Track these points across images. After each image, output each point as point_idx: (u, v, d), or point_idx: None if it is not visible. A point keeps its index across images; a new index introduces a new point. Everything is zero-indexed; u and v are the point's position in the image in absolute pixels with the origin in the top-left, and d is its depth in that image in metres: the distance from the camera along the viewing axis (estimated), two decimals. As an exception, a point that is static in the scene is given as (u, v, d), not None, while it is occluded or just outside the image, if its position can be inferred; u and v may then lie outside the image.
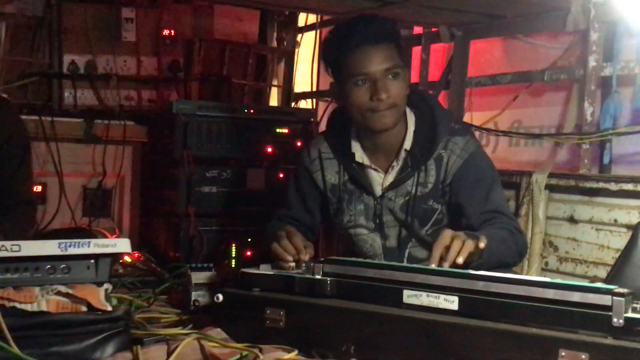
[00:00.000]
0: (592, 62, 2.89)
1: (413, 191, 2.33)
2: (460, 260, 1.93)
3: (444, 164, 2.31)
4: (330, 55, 2.33)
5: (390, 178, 2.36)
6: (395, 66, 2.23)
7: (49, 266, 1.75)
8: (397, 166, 2.35)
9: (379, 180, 2.38)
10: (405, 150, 2.33)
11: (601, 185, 2.73)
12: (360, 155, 2.38)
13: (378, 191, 2.37)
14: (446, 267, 1.93)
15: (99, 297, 1.73)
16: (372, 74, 2.22)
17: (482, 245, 1.98)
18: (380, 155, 2.37)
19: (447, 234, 2.01)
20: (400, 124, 2.33)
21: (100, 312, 1.72)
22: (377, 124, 2.26)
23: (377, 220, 2.39)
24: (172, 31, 4.02)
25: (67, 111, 3.68)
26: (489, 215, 2.25)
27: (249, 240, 3.31)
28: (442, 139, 2.31)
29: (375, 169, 2.38)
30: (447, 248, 1.97)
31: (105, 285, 1.79)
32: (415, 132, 2.33)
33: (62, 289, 1.71)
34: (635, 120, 2.84)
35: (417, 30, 3.89)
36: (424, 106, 2.37)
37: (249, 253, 3.30)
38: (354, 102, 2.25)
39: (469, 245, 1.97)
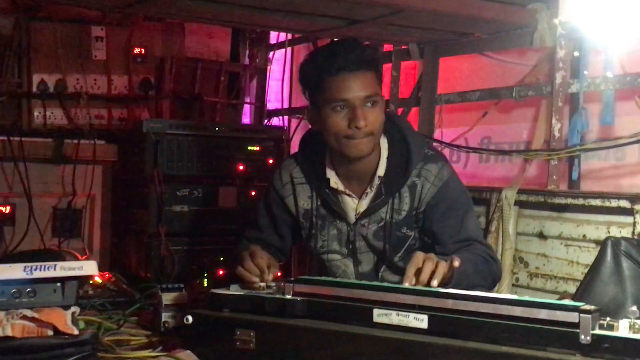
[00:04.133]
0: (559, 79, 2.92)
1: (387, 218, 2.32)
2: (435, 283, 1.94)
3: (418, 192, 2.30)
4: (309, 79, 2.29)
5: (364, 204, 2.34)
6: (374, 94, 2.22)
7: (14, 290, 1.73)
8: (370, 193, 2.33)
9: (353, 206, 2.36)
10: (379, 177, 2.31)
11: (570, 201, 2.75)
12: (334, 181, 2.36)
13: (352, 217, 2.36)
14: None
15: (66, 320, 1.71)
16: (351, 101, 2.19)
17: (456, 263, 1.99)
18: (354, 181, 2.36)
19: (420, 255, 2.01)
20: (374, 150, 2.31)
21: (66, 336, 1.70)
22: (353, 151, 2.24)
23: (350, 246, 2.38)
24: (143, 49, 4.00)
25: (36, 131, 3.65)
26: (463, 243, 2.26)
27: (221, 259, 3.30)
28: (416, 166, 2.30)
29: (349, 195, 2.36)
30: (420, 269, 1.98)
31: (72, 309, 1.77)
32: (388, 158, 2.32)
33: (28, 313, 1.70)
34: (602, 136, 2.88)
35: (388, 47, 3.92)
36: (396, 132, 2.36)
37: (221, 272, 3.28)
38: (331, 127, 2.23)
39: (443, 267, 1.97)
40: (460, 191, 2.35)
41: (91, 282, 2.85)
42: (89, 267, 1.77)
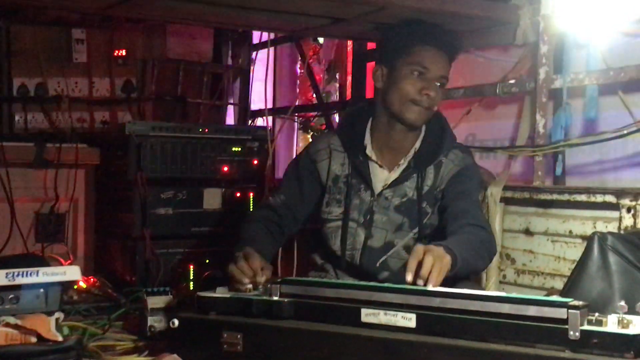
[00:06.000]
0: (542, 75, 2.92)
1: (410, 193, 2.47)
2: (430, 286, 1.92)
3: (442, 170, 2.48)
4: (397, 40, 2.47)
5: (394, 175, 2.49)
6: (446, 78, 2.46)
7: (-4, 297, 1.70)
8: (403, 164, 2.49)
9: (382, 177, 2.50)
10: (415, 149, 2.48)
11: (555, 197, 2.75)
12: (370, 150, 2.51)
13: (378, 188, 2.49)
14: (421, 284, 1.92)
15: (49, 327, 1.69)
16: (431, 72, 2.40)
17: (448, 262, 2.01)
18: (387, 153, 2.52)
19: (420, 248, 2.01)
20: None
21: (50, 343, 1.68)
22: (411, 116, 2.42)
23: (368, 217, 2.47)
24: (124, 51, 3.98)
25: (17, 135, 3.60)
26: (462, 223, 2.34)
27: (207, 261, 3.28)
28: (447, 147, 2.49)
29: (380, 165, 2.50)
30: (421, 262, 1.97)
31: (56, 315, 1.75)
32: (424, 136, 2.52)
33: (11, 320, 1.67)
34: (586, 131, 2.88)
35: (371, 45, 3.91)
36: (435, 117, 2.53)
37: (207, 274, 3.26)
38: (402, 87, 2.41)
39: (443, 268, 1.97)
40: (477, 179, 2.56)
41: (76, 287, 2.82)
42: (72, 272, 1.74)
